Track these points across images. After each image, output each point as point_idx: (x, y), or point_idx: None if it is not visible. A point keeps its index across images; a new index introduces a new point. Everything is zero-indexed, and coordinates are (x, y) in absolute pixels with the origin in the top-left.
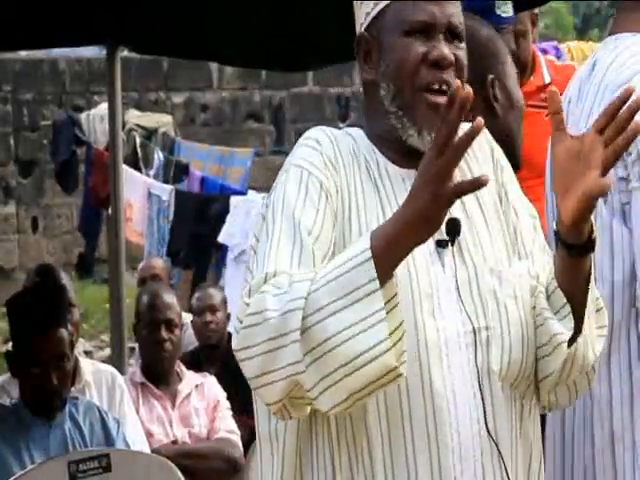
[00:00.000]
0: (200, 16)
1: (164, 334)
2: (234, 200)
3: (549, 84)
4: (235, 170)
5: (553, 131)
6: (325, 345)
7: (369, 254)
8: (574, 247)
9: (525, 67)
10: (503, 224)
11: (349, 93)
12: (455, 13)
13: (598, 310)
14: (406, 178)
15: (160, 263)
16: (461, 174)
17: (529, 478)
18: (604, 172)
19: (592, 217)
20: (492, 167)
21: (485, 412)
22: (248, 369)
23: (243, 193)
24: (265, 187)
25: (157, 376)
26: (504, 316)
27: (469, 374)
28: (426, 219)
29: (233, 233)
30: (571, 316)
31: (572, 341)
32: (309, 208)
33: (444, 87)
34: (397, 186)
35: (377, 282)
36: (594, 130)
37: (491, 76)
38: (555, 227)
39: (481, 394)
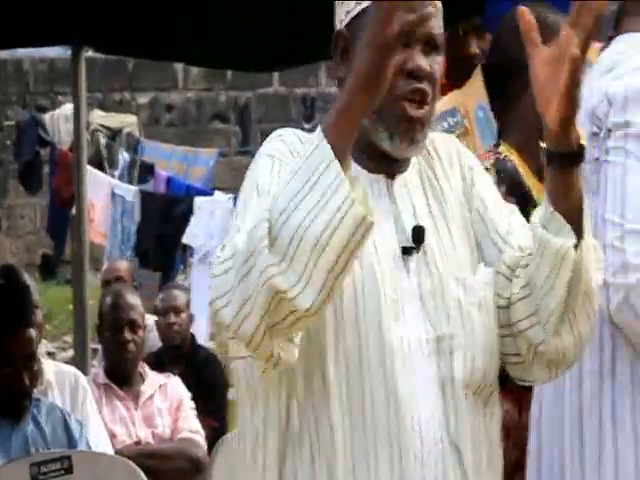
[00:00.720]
0: (165, 16)
1: (127, 335)
2: (198, 201)
3: None
4: (197, 169)
5: (528, 48)
6: (295, 239)
7: (321, 137)
8: (565, 156)
9: None
10: (469, 229)
11: (315, 94)
12: (436, 25)
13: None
14: (374, 183)
15: (124, 265)
16: (428, 181)
17: None
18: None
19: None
20: (459, 170)
21: (448, 419)
22: (227, 312)
23: (209, 194)
24: (231, 188)
25: (120, 377)
26: (468, 325)
27: (432, 382)
28: (373, 72)
29: (197, 234)
30: (573, 232)
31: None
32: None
33: (419, 97)
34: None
35: (332, 155)
36: (568, 27)
37: None
38: (544, 144)
39: (444, 402)
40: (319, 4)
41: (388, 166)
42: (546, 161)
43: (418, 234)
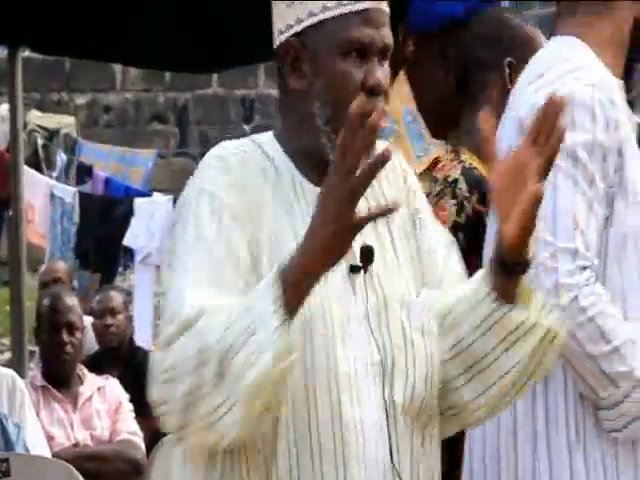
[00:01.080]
0: (103, 17)
1: (65, 337)
2: (138, 202)
3: None
4: (135, 170)
5: (486, 154)
6: (238, 381)
7: (275, 282)
8: (517, 265)
9: None
10: (414, 252)
11: (254, 95)
12: (388, 34)
13: None
14: None
15: (62, 266)
16: (373, 196)
17: None
18: (540, 180)
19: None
20: (405, 192)
21: (391, 446)
22: (170, 421)
23: (148, 195)
24: (169, 189)
25: (58, 379)
26: (410, 350)
27: (377, 407)
28: (330, 249)
29: (138, 235)
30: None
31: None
32: (223, 236)
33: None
34: (311, 207)
35: (279, 303)
36: (527, 143)
37: (508, 59)
38: (493, 253)
39: (387, 428)
40: (258, 6)
41: None
42: (493, 266)
43: (366, 254)
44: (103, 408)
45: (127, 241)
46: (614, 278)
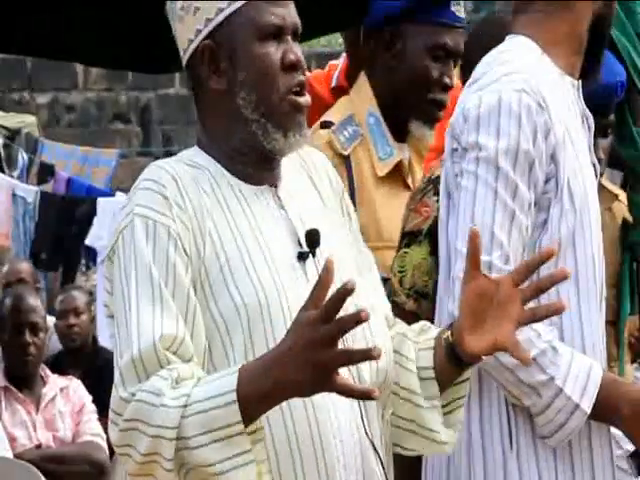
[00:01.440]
0: (62, 15)
1: (28, 337)
2: (101, 202)
3: None
4: (99, 170)
5: (467, 267)
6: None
7: (234, 397)
8: (467, 363)
9: None
10: (352, 241)
11: None
12: (295, 12)
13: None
14: (259, 194)
15: (26, 266)
16: (310, 186)
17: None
18: (517, 328)
19: None
20: (339, 198)
21: (363, 419)
22: (127, 464)
23: (110, 194)
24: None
25: (21, 380)
26: (366, 326)
27: (349, 377)
28: (301, 386)
29: (101, 235)
30: (440, 409)
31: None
32: (161, 261)
33: (301, 87)
34: (254, 206)
35: (241, 425)
36: (512, 281)
37: None
38: (450, 340)
39: (358, 404)
40: None
41: (272, 171)
42: (447, 359)
43: (312, 237)
44: (66, 409)
45: (89, 241)
46: None
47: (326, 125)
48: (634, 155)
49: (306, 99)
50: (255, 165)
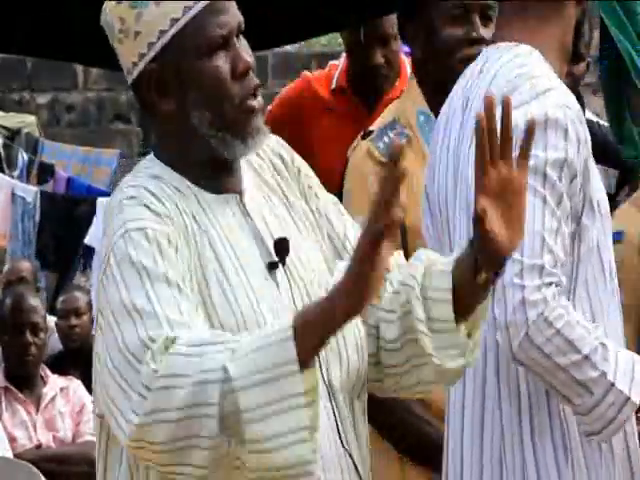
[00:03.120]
0: (62, 16)
1: (29, 337)
2: (100, 202)
3: None
4: (100, 170)
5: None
6: (241, 421)
7: (290, 333)
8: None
9: (398, 71)
10: (317, 231)
11: None
12: (236, 10)
13: None
14: (225, 203)
15: (26, 266)
16: (270, 190)
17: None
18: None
19: None
20: (296, 177)
21: (339, 430)
22: (158, 432)
23: (110, 194)
24: None
25: (21, 380)
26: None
27: (322, 393)
28: (352, 313)
29: (100, 235)
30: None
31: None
32: (171, 261)
33: (255, 91)
34: (221, 217)
35: (297, 364)
36: (482, 156)
37: None
38: (476, 255)
39: (331, 406)
40: None
41: (230, 177)
42: (471, 271)
43: (281, 246)
44: (66, 409)
45: (89, 240)
46: (580, 289)
47: (366, 135)
48: (634, 155)
49: (259, 101)
50: (216, 173)
